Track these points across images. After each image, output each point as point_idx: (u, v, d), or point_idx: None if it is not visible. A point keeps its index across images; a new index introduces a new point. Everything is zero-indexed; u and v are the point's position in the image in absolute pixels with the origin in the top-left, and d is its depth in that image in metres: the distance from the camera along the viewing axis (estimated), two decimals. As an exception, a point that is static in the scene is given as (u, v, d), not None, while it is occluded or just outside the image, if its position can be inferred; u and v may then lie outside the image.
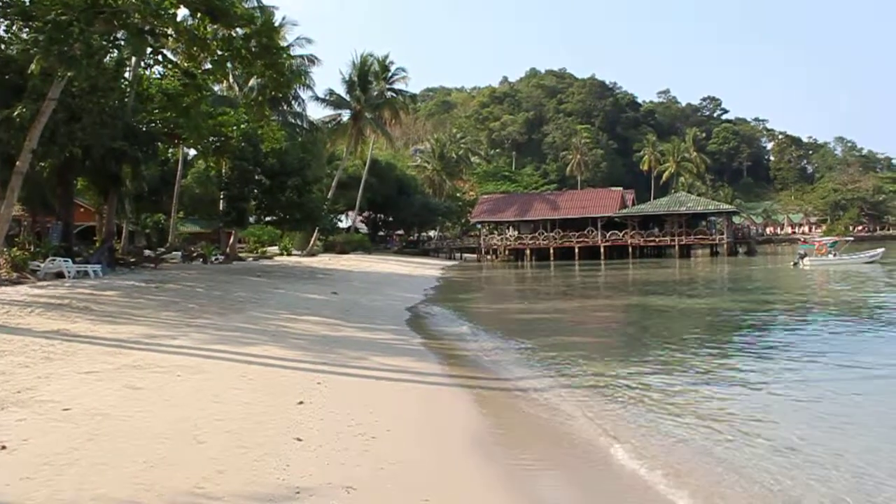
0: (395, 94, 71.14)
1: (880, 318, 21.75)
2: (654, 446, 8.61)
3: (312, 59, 55.79)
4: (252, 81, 43.60)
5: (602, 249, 76.59)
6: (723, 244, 75.58)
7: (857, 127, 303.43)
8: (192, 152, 44.65)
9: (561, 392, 11.69)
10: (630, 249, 76.05)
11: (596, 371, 13.50)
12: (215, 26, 23.44)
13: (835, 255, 51.98)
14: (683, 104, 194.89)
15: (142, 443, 6.99)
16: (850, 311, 23.94)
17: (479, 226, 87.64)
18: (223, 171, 42.65)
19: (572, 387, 12.11)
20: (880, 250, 52.14)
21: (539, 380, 12.79)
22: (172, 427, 7.66)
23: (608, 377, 12.84)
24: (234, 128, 36.35)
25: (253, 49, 23.18)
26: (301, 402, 9.28)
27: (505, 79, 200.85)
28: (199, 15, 22.85)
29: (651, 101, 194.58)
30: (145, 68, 30.76)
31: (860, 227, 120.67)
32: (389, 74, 70.34)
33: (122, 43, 24.24)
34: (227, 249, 45.76)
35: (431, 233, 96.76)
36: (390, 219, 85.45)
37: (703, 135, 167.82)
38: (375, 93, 69.16)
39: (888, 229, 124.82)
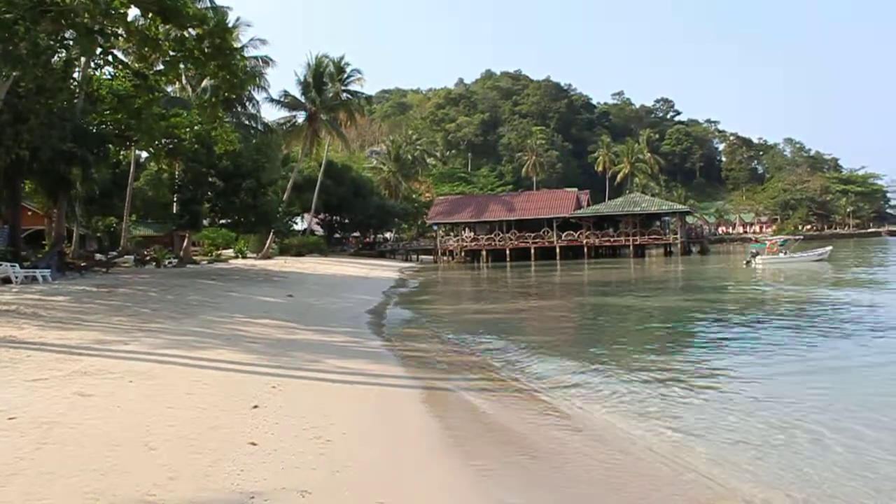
0: (350, 96, 70.91)
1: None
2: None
3: (267, 61, 55.41)
4: (205, 83, 43.18)
5: (558, 250, 77.20)
6: (677, 244, 76.57)
7: (805, 128, 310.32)
8: (145, 154, 44.07)
9: (516, 392, 11.77)
10: (585, 250, 76.73)
11: (545, 371, 13.65)
12: (167, 27, 23.15)
13: (785, 253, 53.23)
14: (637, 106, 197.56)
15: (91, 451, 6.84)
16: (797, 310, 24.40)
17: (435, 227, 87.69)
18: (176, 173, 42.14)
19: (523, 389, 12.19)
20: (828, 248, 53.87)
21: (495, 381, 12.85)
22: (123, 434, 7.50)
23: (558, 377, 12.99)
24: (187, 130, 35.93)
25: (206, 50, 22.94)
26: (255, 407, 9.18)
27: (460, 80, 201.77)
28: (150, 15, 22.53)
29: (605, 103, 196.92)
30: (95, 69, 30.17)
31: (809, 226, 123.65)
32: (345, 76, 70.08)
33: (71, 42, 23.79)
34: (181, 253, 45.24)
35: (388, 234, 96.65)
36: (346, 221, 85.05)
37: (657, 136, 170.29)
38: (331, 94, 68.83)
39: (835, 228, 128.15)
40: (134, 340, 13.79)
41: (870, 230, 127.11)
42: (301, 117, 69.35)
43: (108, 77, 30.47)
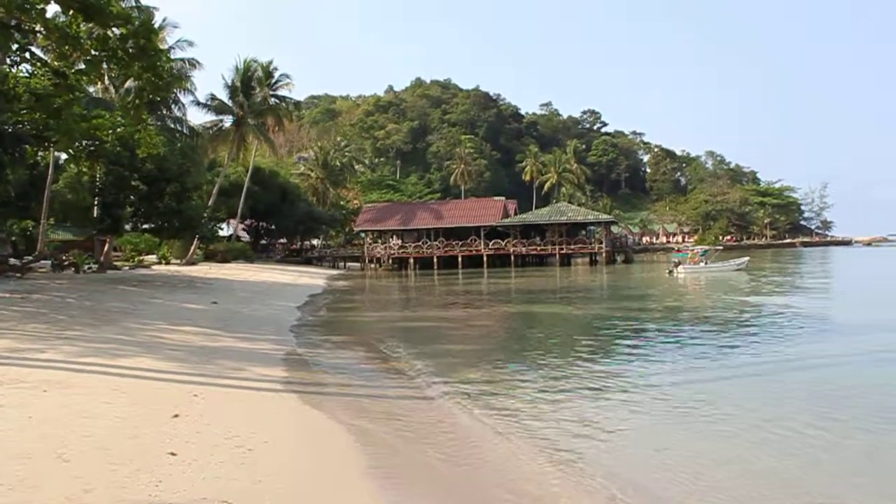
0: (278, 101, 70.19)
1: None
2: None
3: (194, 63, 54.39)
4: (129, 83, 42.13)
5: (485, 258, 77.66)
6: (602, 253, 77.81)
7: (726, 141, 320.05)
8: (64, 156, 42.76)
9: (437, 399, 11.82)
10: (512, 258, 77.49)
11: (469, 378, 13.76)
12: (89, 25, 22.53)
13: (706, 263, 54.72)
14: (565, 117, 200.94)
15: None
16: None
17: (362, 234, 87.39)
18: (97, 176, 41.02)
19: (447, 395, 12.25)
20: (745, 259, 55.85)
21: (416, 389, 12.91)
22: (35, 446, 7.25)
23: (481, 384, 13.12)
24: (110, 131, 34.92)
25: (130, 50, 22.39)
26: (176, 416, 9.00)
27: (390, 88, 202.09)
28: (71, 12, 21.89)
29: (534, 113, 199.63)
30: (11, 66, 29.15)
31: (728, 237, 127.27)
32: (273, 80, 69.33)
33: (-16, 38, 22.94)
34: (102, 258, 44.03)
35: (315, 241, 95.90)
36: (273, 227, 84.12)
37: (584, 147, 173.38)
38: (259, 99, 68.02)
39: (753, 238, 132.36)
40: (50, 348, 13.37)
41: (785, 241, 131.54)
42: (228, 121, 68.25)
43: (26, 75, 29.44)
